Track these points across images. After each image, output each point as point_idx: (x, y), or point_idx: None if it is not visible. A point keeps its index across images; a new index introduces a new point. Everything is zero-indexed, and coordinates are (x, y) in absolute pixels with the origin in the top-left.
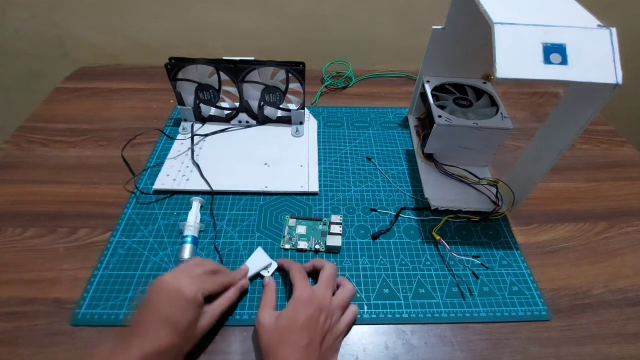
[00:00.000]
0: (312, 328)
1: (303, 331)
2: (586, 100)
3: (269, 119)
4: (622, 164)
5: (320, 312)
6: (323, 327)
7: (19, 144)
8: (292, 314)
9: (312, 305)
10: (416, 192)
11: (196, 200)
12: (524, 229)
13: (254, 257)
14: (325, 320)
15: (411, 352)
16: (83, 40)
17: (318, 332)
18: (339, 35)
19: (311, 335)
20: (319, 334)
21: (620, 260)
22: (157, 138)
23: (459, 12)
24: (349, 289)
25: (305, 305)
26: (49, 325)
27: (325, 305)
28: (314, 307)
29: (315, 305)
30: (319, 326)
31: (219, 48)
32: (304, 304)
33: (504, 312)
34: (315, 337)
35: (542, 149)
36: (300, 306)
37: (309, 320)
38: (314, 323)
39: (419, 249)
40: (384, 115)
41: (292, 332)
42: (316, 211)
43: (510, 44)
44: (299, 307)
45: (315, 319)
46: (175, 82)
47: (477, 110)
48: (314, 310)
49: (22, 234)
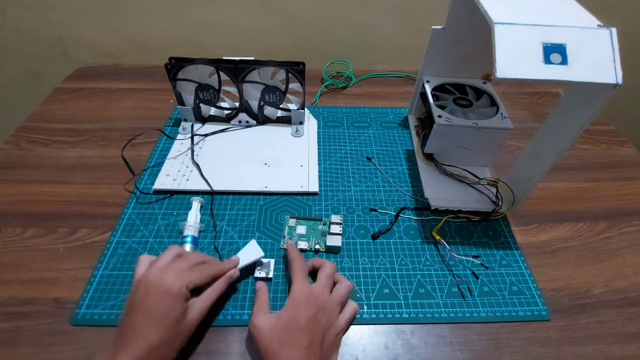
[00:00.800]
0: (314, 328)
1: (305, 332)
2: (586, 100)
3: (269, 119)
4: (622, 164)
5: (320, 311)
6: (324, 326)
7: (19, 144)
8: (292, 314)
9: (312, 304)
10: (416, 192)
11: (196, 200)
12: (524, 229)
13: (247, 249)
14: (326, 320)
15: (411, 352)
16: (83, 40)
17: (319, 331)
18: (339, 35)
19: (313, 336)
20: (320, 333)
21: (620, 260)
22: (157, 138)
23: (459, 12)
24: (346, 285)
25: (306, 305)
26: (49, 325)
27: (325, 304)
28: (314, 307)
29: (316, 304)
30: (320, 326)
31: (219, 48)
32: (304, 304)
33: (504, 312)
34: (316, 336)
35: (542, 149)
36: (300, 306)
37: (310, 321)
38: (315, 323)
39: (419, 249)
40: (384, 115)
41: (293, 334)
42: (316, 211)
43: (510, 44)
44: (299, 307)
45: (316, 318)
46: (175, 82)
47: (477, 110)
48: (315, 309)
49: (22, 234)
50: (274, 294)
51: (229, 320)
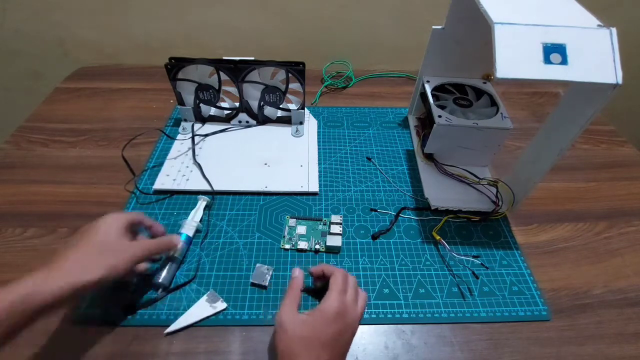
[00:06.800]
0: (337, 345)
1: (327, 347)
2: (586, 100)
3: (269, 119)
4: (622, 164)
5: (347, 328)
6: (346, 341)
7: (19, 144)
8: (319, 326)
9: (341, 321)
10: (416, 192)
11: (203, 199)
12: (524, 229)
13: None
14: (349, 335)
15: (411, 352)
16: (83, 40)
17: (340, 346)
18: (339, 35)
19: (334, 352)
20: (341, 348)
21: (620, 260)
22: (157, 138)
23: (459, 12)
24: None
25: (335, 320)
26: (48, 325)
27: (352, 321)
28: (343, 324)
29: (345, 321)
30: (343, 341)
31: (219, 48)
32: (334, 319)
33: (504, 312)
34: (337, 352)
35: (542, 149)
36: (330, 320)
37: (335, 337)
38: (340, 339)
39: (419, 249)
40: (384, 115)
41: (315, 346)
42: (316, 211)
43: (510, 44)
44: (328, 321)
45: (342, 335)
46: (175, 82)
47: (477, 110)
48: (343, 326)
49: (22, 234)
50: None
51: (229, 320)
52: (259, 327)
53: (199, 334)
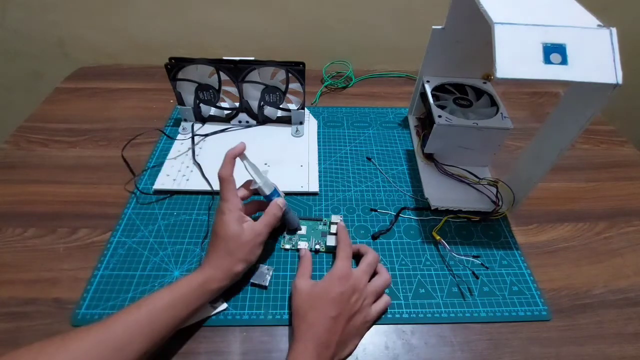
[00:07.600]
0: (342, 304)
1: (333, 304)
2: (586, 100)
3: (269, 119)
4: (622, 164)
5: (353, 291)
6: (353, 306)
7: (19, 144)
8: (327, 286)
9: (346, 283)
10: (416, 192)
11: (243, 158)
12: (524, 229)
13: None
14: (356, 301)
15: (411, 352)
16: (83, 40)
17: (347, 309)
18: (339, 35)
19: (340, 310)
20: (347, 310)
21: (620, 260)
22: (157, 138)
23: (459, 12)
24: (384, 278)
25: (341, 281)
26: (49, 325)
27: (359, 287)
28: (347, 286)
29: (350, 284)
30: (349, 304)
31: (219, 48)
32: (340, 281)
33: (504, 312)
34: (344, 312)
35: (542, 149)
36: (335, 281)
37: (341, 296)
38: (345, 300)
39: (419, 249)
40: (384, 115)
41: (323, 302)
42: (316, 211)
43: (510, 44)
44: (334, 282)
45: (346, 296)
46: (175, 82)
47: (477, 110)
48: (347, 288)
49: (22, 234)
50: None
51: (229, 320)
52: (260, 327)
53: (199, 334)
